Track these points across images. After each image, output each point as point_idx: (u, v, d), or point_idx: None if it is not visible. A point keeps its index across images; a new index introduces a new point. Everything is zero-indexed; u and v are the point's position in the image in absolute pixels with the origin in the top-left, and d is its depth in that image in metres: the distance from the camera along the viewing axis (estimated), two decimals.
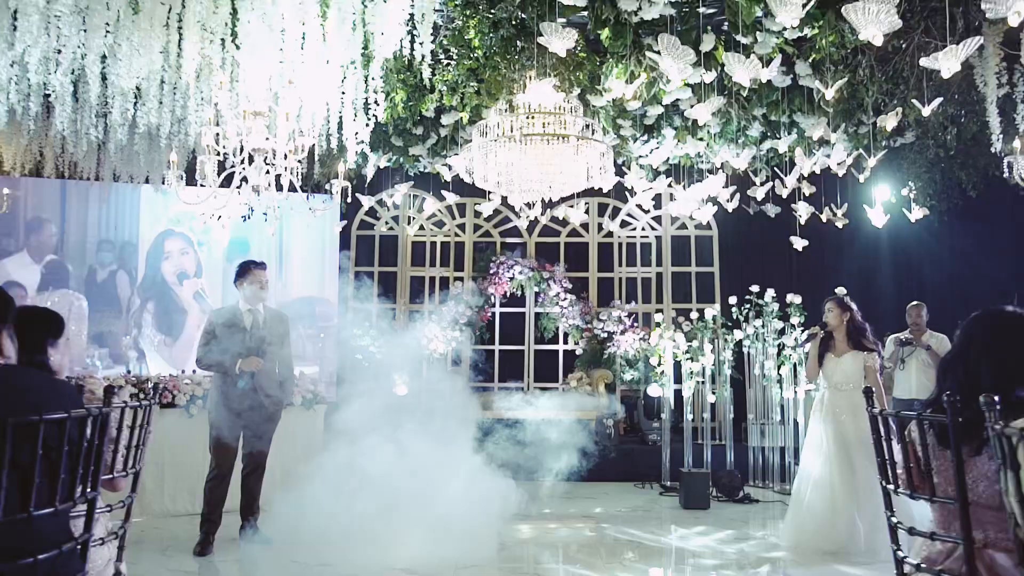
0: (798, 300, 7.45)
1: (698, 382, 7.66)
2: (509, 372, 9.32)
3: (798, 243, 7.68)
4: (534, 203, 7.09)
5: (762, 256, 8.89)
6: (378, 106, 5.32)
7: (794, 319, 7.43)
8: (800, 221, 7.62)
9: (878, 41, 3.90)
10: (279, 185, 5.03)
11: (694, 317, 7.92)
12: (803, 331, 7.01)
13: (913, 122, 6.54)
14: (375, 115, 5.36)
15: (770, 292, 7.62)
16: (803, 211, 7.56)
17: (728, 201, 7.59)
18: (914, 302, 6.93)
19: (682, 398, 7.45)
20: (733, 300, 7.78)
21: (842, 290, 6.01)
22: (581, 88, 5.94)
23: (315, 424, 6.50)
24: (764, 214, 8.08)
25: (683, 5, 5.06)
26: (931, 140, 7.19)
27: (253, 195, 5.08)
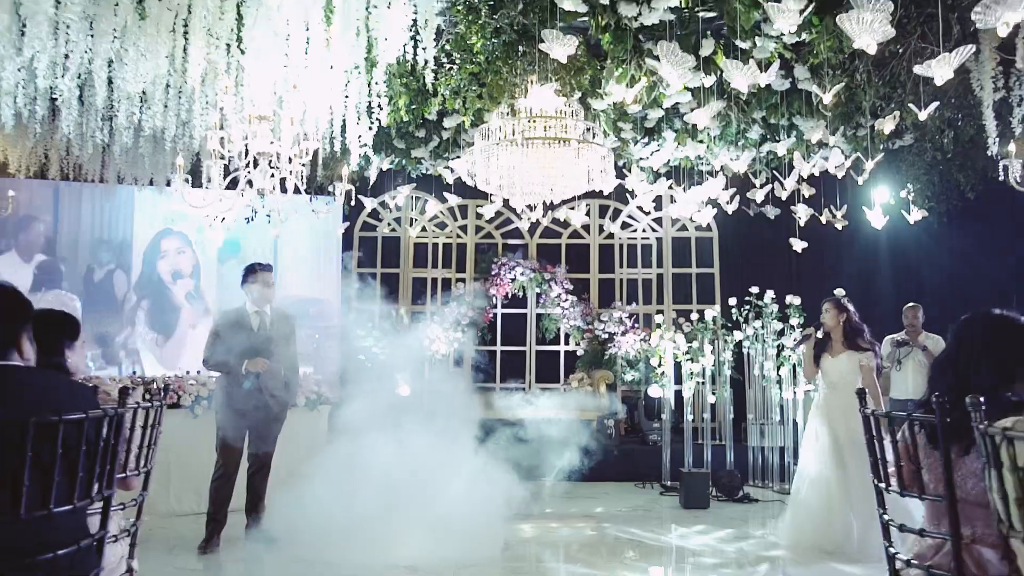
0: (797, 301, 7.49)
1: (698, 383, 7.70)
2: (511, 373, 9.34)
3: (797, 245, 7.71)
4: (535, 205, 7.11)
5: (762, 257, 8.92)
6: (381, 110, 5.38)
7: (793, 320, 7.47)
8: (800, 223, 7.65)
9: (872, 50, 3.96)
10: (283, 188, 5.09)
11: (694, 318, 7.95)
12: (801, 332, 7.05)
13: (911, 125, 6.58)
14: (378, 119, 5.41)
15: (770, 293, 7.67)
16: (802, 213, 7.59)
17: (728, 203, 7.63)
18: (910, 303, 6.98)
19: (682, 398, 7.50)
20: (733, 301, 7.83)
21: (841, 291, 6.06)
22: (582, 92, 5.99)
23: (319, 425, 6.54)
24: (764, 216, 8.14)
25: (683, 10, 5.10)
26: (929, 143, 7.22)
27: (257, 198, 5.14)
